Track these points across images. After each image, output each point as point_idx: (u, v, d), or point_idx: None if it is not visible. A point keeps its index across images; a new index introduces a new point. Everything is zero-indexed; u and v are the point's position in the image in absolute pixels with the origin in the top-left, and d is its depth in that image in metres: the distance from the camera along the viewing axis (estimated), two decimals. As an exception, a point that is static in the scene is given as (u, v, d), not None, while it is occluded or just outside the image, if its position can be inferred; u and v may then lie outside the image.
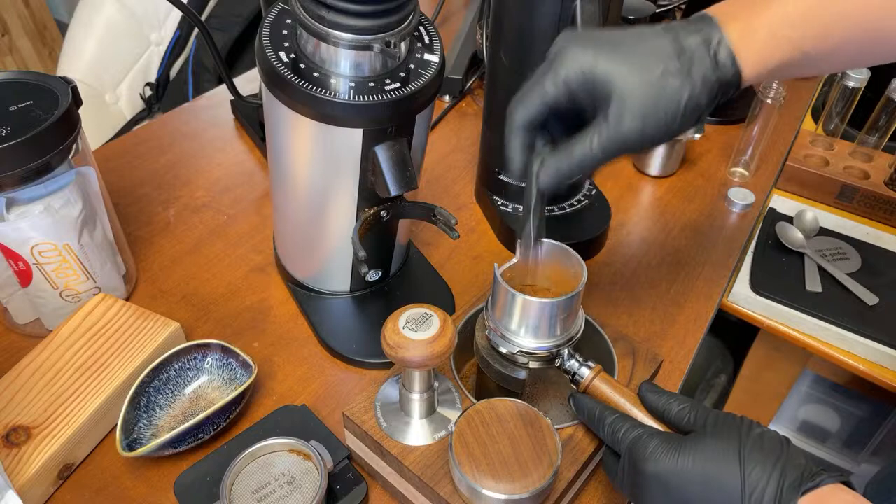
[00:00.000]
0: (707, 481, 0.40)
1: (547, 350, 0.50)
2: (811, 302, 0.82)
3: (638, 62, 0.42)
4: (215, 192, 0.85)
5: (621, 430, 0.45)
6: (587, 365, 0.51)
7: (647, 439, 0.43)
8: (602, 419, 0.47)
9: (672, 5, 1.19)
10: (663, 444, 0.42)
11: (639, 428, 0.45)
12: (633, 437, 0.44)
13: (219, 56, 0.75)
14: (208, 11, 1.58)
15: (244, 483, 0.51)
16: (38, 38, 2.25)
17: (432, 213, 0.59)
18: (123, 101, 1.62)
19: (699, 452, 0.41)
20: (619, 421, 0.46)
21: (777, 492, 0.38)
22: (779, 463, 0.39)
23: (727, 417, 0.43)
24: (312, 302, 0.69)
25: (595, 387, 0.50)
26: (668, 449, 0.42)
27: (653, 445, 0.43)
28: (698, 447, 0.41)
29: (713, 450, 0.41)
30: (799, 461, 0.39)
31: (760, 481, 0.39)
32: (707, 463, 0.40)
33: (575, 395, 0.51)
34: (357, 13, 0.47)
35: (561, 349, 0.51)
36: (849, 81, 0.95)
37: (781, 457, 0.39)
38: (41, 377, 0.57)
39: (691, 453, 0.41)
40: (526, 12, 0.64)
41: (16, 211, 0.57)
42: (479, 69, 1.06)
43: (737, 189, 0.90)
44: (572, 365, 0.51)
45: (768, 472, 0.39)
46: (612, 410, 0.48)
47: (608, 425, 0.47)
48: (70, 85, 0.58)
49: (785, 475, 0.38)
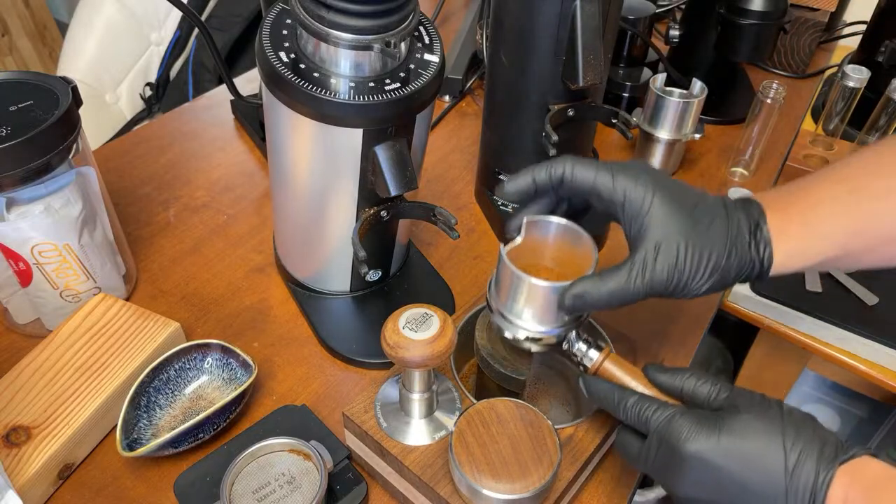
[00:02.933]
0: (748, 459, 0.40)
1: (555, 335, 0.48)
2: (811, 302, 0.82)
3: (688, 213, 0.44)
4: (215, 192, 0.85)
5: (649, 410, 0.44)
6: (597, 346, 0.49)
7: (682, 419, 0.42)
8: (622, 400, 0.45)
9: (672, 5, 1.19)
10: (700, 423, 0.42)
11: (668, 408, 0.44)
12: (665, 417, 0.43)
13: (219, 56, 0.75)
14: (208, 11, 1.58)
15: (244, 483, 0.51)
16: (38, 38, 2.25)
17: (432, 213, 0.59)
18: (123, 101, 1.62)
19: (741, 431, 0.40)
20: (643, 401, 0.45)
21: (816, 467, 0.38)
22: (817, 438, 0.39)
23: (756, 396, 0.43)
24: (312, 302, 0.69)
25: (605, 369, 0.48)
26: (707, 428, 0.41)
27: (689, 425, 0.42)
28: (740, 425, 0.41)
29: (756, 428, 0.40)
30: (831, 437, 0.40)
31: (801, 457, 0.39)
32: (749, 441, 0.40)
33: (585, 377, 0.48)
34: (357, 13, 0.47)
35: (569, 332, 0.49)
36: (849, 81, 0.95)
37: (817, 433, 0.40)
38: (41, 377, 0.57)
39: (734, 432, 0.41)
40: (526, 12, 0.64)
41: (16, 211, 0.57)
42: (479, 69, 1.06)
43: (737, 189, 0.90)
44: (580, 348, 0.49)
45: (808, 448, 0.39)
46: (631, 391, 0.46)
47: (631, 406, 0.45)
48: (70, 85, 0.58)
49: (823, 450, 0.39)
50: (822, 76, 1.19)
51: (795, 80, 1.17)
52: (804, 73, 1.18)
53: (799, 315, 0.82)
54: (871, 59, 1.02)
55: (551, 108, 0.68)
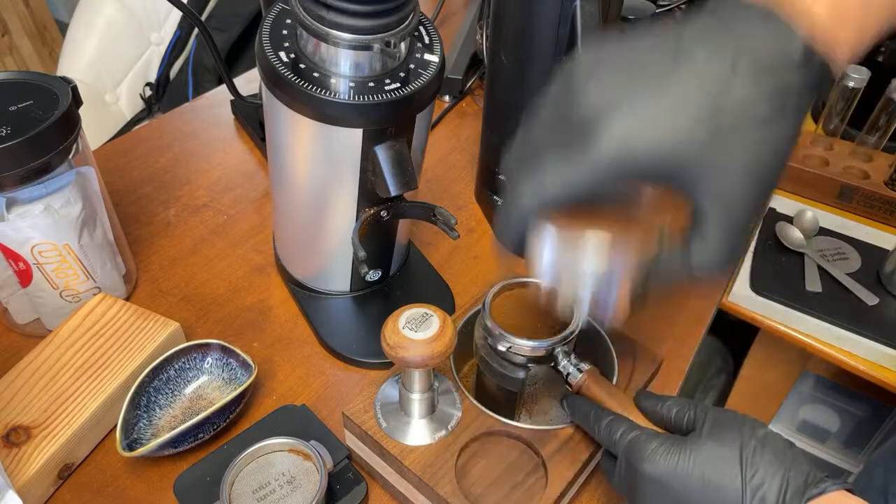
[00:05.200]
0: (706, 485, 0.39)
1: (542, 349, 0.50)
2: (811, 302, 0.82)
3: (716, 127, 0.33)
4: (215, 192, 0.85)
5: (618, 431, 0.44)
6: (580, 367, 0.50)
7: (646, 440, 0.42)
8: (598, 420, 0.46)
9: (672, 5, 1.19)
10: (662, 446, 0.41)
11: (636, 429, 0.44)
12: (631, 438, 0.43)
13: (219, 56, 0.75)
14: (208, 11, 1.58)
15: (244, 483, 0.51)
16: (38, 38, 2.25)
17: (432, 213, 0.59)
18: (123, 101, 1.62)
19: (698, 454, 0.40)
20: (615, 422, 0.45)
21: (779, 497, 0.37)
22: (782, 467, 0.38)
23: (728, 417, 0.42)
24: (312, 302, 0.69)
25: (588, 388, 0.50)
26: (667, 450, 0.41)
27: (651, 447, 0.42)
28: (698, 449, 0.40)
29: (713, 452, 0.39)
30: (803, 466, 0.38)
31: (762, 486, 0.37)
32: (707, 466, 0.39)
33: (568, 396, 0.51)
34: (357, 13, 0.47)
35: (555, 349, 0.50)
36: (849, 81, 0.95)
37: (785, 461, 0.38)
38: (41, 377, 0.57)
39: (691, 455, 0.40)
40: (526, 12, 0.64)
41: (16, 211, 0.57)
42: (479, 69, 1.06)
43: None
44: (565, 366, 0.50)
45: (770, 477, 0.37)
46: (608, 412, 0.47)
47: (604, 427, 0.46)
48: (70, 85, 0.58)
49: (788, 481, 0.37)
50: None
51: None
52: (804, 73, 1.18)
53: (799, 315, 0.82)
54: (871, 59, 1.02)
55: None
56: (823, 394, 1.14)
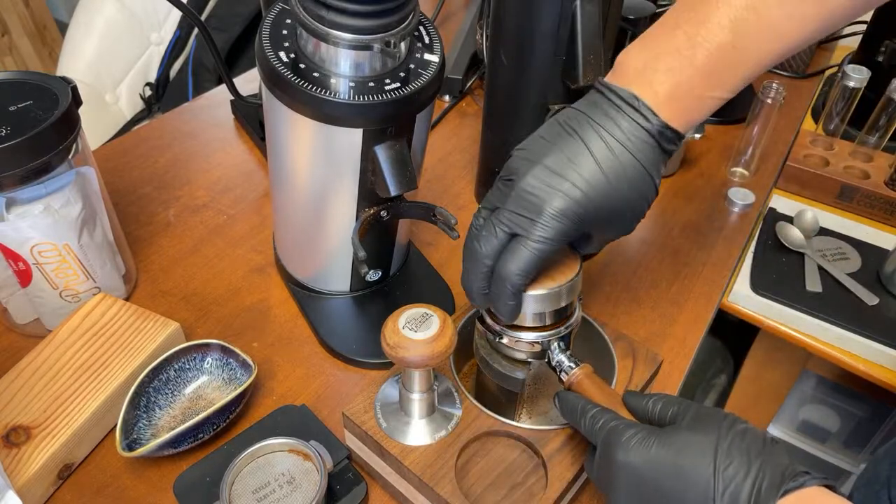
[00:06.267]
0: (679, 474, 0.38)
1: (533, 340, 0.50)
2: (811, 302, 0.82)
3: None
4: (215, 192, 0.85)
5: (600, 421, 0.44)
6: (574, 362, 0.50)
7: (623, 429, 0.42)
8: (584, 412, 0.46)
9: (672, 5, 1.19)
10: (638, 434, 0.41)
11: (617, 419, 0.44)
12: (610, 427, 0.43)
13: (219, 56, 0.75)
14: (208, 11, 1.58)
15: (244, 483, 0.51)
16: (38, 38, 2.25)
17: (432, 213, 0.59)
18: (123, 101, 1.62)
19: (673, 443, 0.39)
20: (599, 413, 0.45)
21: (753, 490, 0.36)
22: (758, 459, 0.37)
23: (709, 411, 0.41)
24: (312, 302, 0.69)
25: (580, 385, 0.49)
26: (643, 438, 0.40)
27: (627, 435, 0.41)
28: (673, 438, 0.40)
29: (688, 441, 0.39)
30: (781, 460, 0.37)
31: (736, 478, 0.37)
32: (680, 455, 0.39)
33: (560, 392, 0.50)
34: (357, 13, 0.47)
35: (549, 342, 0.50)
36: (849, 81, 0.95)
37: (761, 454, 0.37)
38: (41, 377, 0.57)
39: (665, 444, 0.39)
40: (526, 12, 0.64)
41: (16, 211, 0.57)
42: (479, 69, 1.06)
43: (737, 189, 0.90)
44: (560, 361, 0.50)
45: (745, 469, 0.37)
46: (594, 405, 0.46)
47: (589, 418, 0.45)
48: (70, 85, 0.58)
49: (763, 473, 0.37)
50: (823, 76, 1.19)
51: (796, 80, 1.17)
52: (804, 73, 1.18)
53: (799, 315, 0.82)
54: (871, 59, 1.02)
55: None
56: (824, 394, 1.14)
